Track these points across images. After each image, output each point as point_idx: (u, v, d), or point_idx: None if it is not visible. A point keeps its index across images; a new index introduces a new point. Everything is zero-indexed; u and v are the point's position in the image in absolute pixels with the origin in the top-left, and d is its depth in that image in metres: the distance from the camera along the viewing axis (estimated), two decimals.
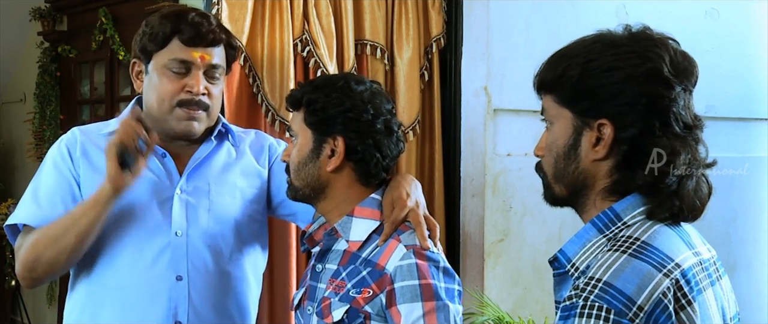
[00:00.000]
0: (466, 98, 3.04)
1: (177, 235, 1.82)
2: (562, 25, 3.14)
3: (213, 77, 1.85)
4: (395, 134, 1.66)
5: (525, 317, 2.87)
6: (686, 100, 1.23)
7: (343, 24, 2.79)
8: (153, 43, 1.82)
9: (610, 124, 1.21)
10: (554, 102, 1.27)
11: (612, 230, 1.22)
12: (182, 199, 1.84)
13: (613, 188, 1.24)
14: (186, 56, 1.81)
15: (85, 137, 1.88)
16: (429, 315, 1.52)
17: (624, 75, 1.20)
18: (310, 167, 1.65)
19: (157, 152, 1.86)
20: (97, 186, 1.78)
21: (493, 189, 3.05)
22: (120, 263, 1.81)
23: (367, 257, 1.59)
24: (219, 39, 1.85)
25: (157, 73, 1.83)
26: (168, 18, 1.82)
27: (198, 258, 1.83)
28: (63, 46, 4.88)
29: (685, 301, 1.15)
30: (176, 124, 1.84)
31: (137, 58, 1.88)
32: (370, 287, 1.56)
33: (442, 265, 1.58)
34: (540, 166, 1.33)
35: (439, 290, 1.54)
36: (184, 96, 1.82)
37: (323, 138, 1.63)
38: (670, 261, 1.16)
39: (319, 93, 1.64)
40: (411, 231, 1.61)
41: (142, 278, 1.80)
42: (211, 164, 1.90)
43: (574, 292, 1.14)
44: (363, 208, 1.65)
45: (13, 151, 5.80)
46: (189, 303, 1.81)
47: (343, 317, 1.57)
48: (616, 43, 1.23)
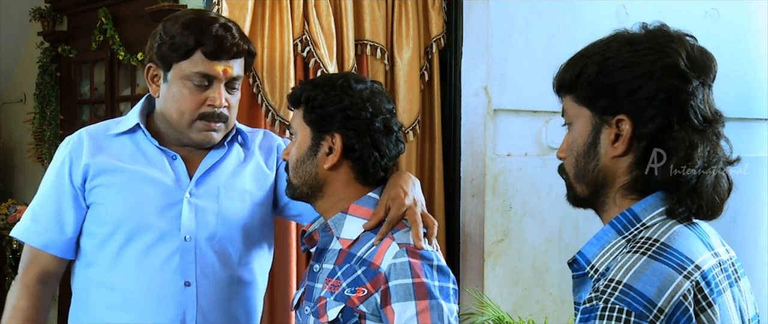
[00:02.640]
0: (466, 98, 3.04)
1: (186, 240, 1.80)
2: (563, 26, 3.14)
3: (233, 88, 1.84)
4: (394, 134, 1.65)
5: (525, 317, 2.86)
6: (705, 95, 1.23)
7: (343, 24, 2.79)
8: (175, 53, 1.78)
9: (628, 119, 1.21)
10: (573, 102, 1.27)
11: (631, 231, 1.22)
12: (192, 203, 1.82)
13: (634, 185, 1.24)
14: (209, 70, 1.78)
15: (93, 142, 1.85)
16: (422, 314, 1.51)
17: (641, 70, 1.20)
18: (307, 164, 1.65)
19: (167, 155, 1.85)
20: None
21: (493, 189, 3.05)
22: (128, 267, 1.79)
23: (362, 256, 1.59)
24: (242, 51, 1.82)
25: (177, 83, 1.80)
26: (191, 29, 1.78)
27: (206, 263, 1.81)
28: (63, 46, 4.89)
29: (705, 303, 1.15)
30: (195, 136, 1.82)
31: (154, 63, 1.84)
32: (365, 286, 1.55)
33: (435, 263, 1.56)
34: (562, 168, 1.33)
35: (432, 289, 1.53)
36: (206, 109, 1.80)
37: (321, 135, 1.63)
38: (690, 263, 1.16)
39: (318, 90, 1.64)
40: (406, 229, 1.60)
41: (151, 283, 1.78)
42: (222, 168, 1.88)
43: (594, 295, 1.14)
44: (358, 207, 1.64)
45: (13, 152, 5.80)
46: (197, 308, 1.80)
47: (338, 316, 1.56)
48: (633, 41, 1.24)
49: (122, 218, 1.79)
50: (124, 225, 1.79)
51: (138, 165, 1.83)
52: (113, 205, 1.81)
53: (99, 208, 1.82)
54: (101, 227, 1.82)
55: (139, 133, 1.86)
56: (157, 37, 1.82)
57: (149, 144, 1.85)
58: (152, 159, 1.84)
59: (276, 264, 2.68)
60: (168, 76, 1.81)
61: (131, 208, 1.80)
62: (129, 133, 1.86)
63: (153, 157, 1.84)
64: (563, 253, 3.15)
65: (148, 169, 1.82)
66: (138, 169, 1.82)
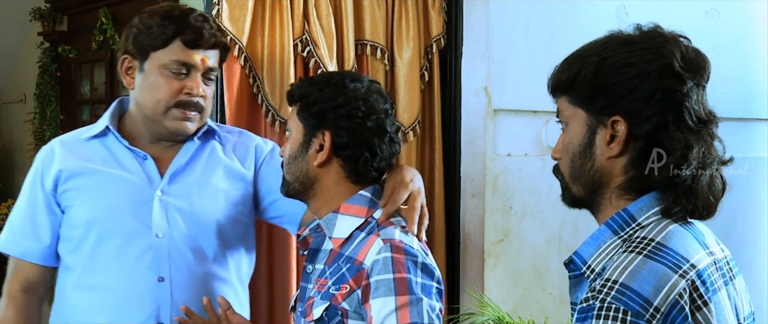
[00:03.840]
0: (466, 98, 3.04)
1: (158, 237, 1.81)
2: (563, 26, 3.14)
3: (209, 79, 1.87)
4: (388, 134, 1.64)
5: (525, 317, 2.86)
6: (699, 96, 1.24)
7: (343, 24, 2.79)
8: (152, 42, 1.81)
9: (623, 120, 1.22)
10: (569, 103, 1.28)
11: (626, 231, 1.22)
12: (163, 201, 1.83)
13: (629, 185, 1.24)
14: (187, 59, 1.81)
15: (65, 148, 1.88)
16: (401, 309, 1.49)
17: (638, 71, 1.21)
18: (299, 161, 1.65)
19: (138, 155, 1.86)
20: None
21: (493, 189, 3.05)
22: (102, 267, 1.81)
23: (348, 254, 1.58)
24: (219, 42, 1.86)
25: (154, 72, 1.82)
26: (170, 19, 1.82)
27: (180, 259, 1.83)
28: (63, 46, 4.89)
29: (701, 302, 1.15)
30: (170, 124, 1.84)
31: (130, 54, 1.86)
32: (348, 283, 1.54)
33: (420, 260, 1.55)
34: (558, 169, 1.33)
35: (413, 285, 1.51)
36: (182, 98, 1.82)
37: (313, 133, 1.63)
38: (685, 262, 1.16)
39: (312, 88, 1.64)
40: (393, 226, 1.59)
41: (125, 279, 1.80)
42: (193, 167, 1.89)
43: (590, 294, 1.14)
44: (349, 205, 1.63)
45: (13, 152, 5.80)
46: (171, 304, 1.81)
47: (323, 315, 1.55)
48: (629, 41, 1.24)
49: (92, 219, 1.82)
50: (95, 225, 1.81)
51: (108, 167, 1.85)
52: (84, 207, 1.83)
53: (71, 211, 1.85)
54: (74, 230, 1.84)
55: (109, 136, 1.88)
56: (133, 28, 1.84)
57: (120, 146, 1.87)
58: (122, 160, 1.86)
59: (276, 265, 2.69)
60: (145, 66, 1.84)
61: (101, 208, 1.82)
62: (100, 137, 1.89)
63: (123, 158, 1.86)
64: (563, 253, 3.15)
65: (118, 170, 1.85)
66: (108, 171, 1.84)
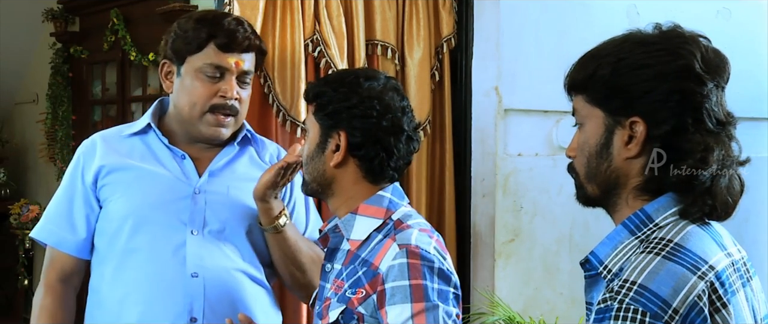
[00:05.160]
0: (477, 98, 3.03)
1: (193, 234, 1.84)
2: (573, 26, 3.13)
3: (244, 82, 1.89)
4: (405, 133, 1.62)
5: (536, 317, 2.86)
6: (718, 97, 1.22)
7: (353, 24, 2.79)
8: (188, 46, 1.85)
9: (642, 121, 1.21)
10: (585, 102, 1.27)
11: (644, 232, 1.21)
12: (199, 198, 1.86)
13: (646, 186, 1.23)
14: (221, 62, 1.84)
15: (105, 143, 1.91)
16: (417, 316, 1.47)
17: (655, 72, 1.20)
18: (316, 161, 1.65)
19: (176, 154, 1.90)
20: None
21: (504, 189, 3.04)
22: (136, 261, 1.84)
23: (365, 257, 1.57)
24: (253, 45, 1.89)
25: (190, 76, 1.86)
26: (204, 22, 1.86)
27: (213, 256, 1.84)
28: (75, 46, 4.92)
29: (719, 304, 1.14)
30: (205, 129, 1.87)
31: (168, 59, 1.90)
32: (364, 288, 1.53)
33: (436, 266, 1.52)
34: (572, 167, 1.32)
35: (429, 291, 1.49)
36: (217, 101, 1.85)
37: (329, 133, 1.62)
38: (703, 263, 1.15)
39: (327, 87, 1.63)
40: (410, 229, 1.57)
41: (159, 275, 1.83)
42: (231, 169, 1.93)
43: (608, 295, 1.14)
44: (368, 206, 1.62)
45: (26, 152, 5.84)
46: (204, 300, 1.82)
47: (339, 318, 1.54)
48: (646, 42, 1.23)
49: (128, 213, 1.84)
50: (131, 219, 1.84)
51: (146, 163, 1.88)
52: (121, 201, 1.86)
53: (108, 205, 1.88)
54: (110, 224, 1.87)
55: (150, 134, 1.92)
56: (172, 34, 1.89)
57: (159, 143, 1.91)
58: (161, 157, 1.90)
59: None
60: (181, 70, 1.87)
61: (138, 203, 1.85)
62: (140, 134, 1.93)
63: (162, 155, 1.90)
64: (574, 253, 3.14)
65: (156, 166, 1.88)
66: (145, 167, 1.87)
